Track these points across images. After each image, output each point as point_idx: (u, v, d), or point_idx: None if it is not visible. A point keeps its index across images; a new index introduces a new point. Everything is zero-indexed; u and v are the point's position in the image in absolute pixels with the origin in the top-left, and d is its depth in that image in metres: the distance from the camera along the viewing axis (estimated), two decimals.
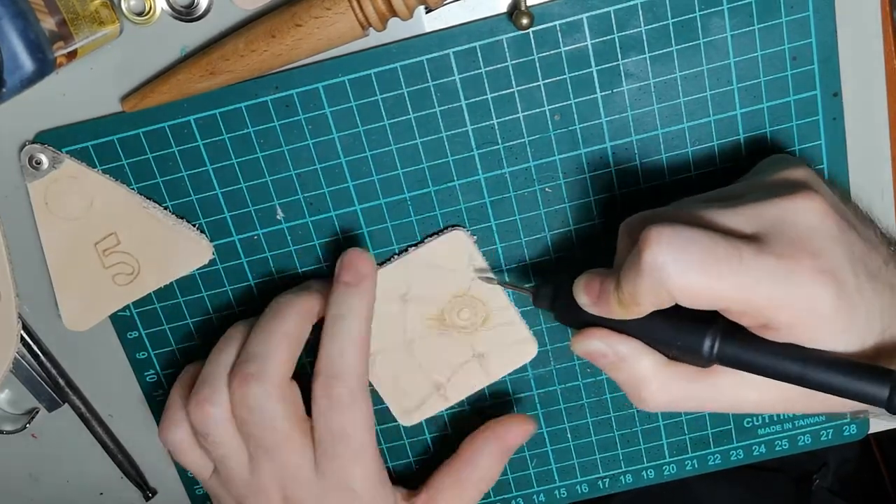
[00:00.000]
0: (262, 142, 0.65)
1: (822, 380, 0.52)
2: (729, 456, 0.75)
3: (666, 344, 0.57)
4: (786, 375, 0.53)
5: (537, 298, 0.63)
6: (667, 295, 0.52)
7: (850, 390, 0.51)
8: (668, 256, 0.51)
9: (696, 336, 0.55)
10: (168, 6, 0.62)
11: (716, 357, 0.55)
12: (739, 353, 0.54)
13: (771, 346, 0.53)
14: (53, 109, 0.65)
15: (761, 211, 0.53)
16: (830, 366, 0.52)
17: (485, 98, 0.64)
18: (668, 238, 0.51)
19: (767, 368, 0.53)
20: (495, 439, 0.70)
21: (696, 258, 0.50)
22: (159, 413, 0.73)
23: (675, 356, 0.57)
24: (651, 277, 0.51)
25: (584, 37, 0.62)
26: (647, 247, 0.51)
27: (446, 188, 0.66)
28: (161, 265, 0.68)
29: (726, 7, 0.62)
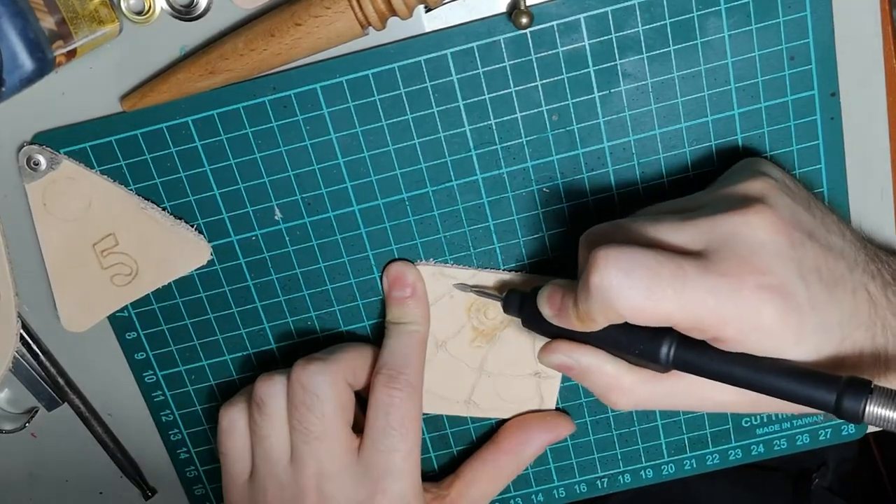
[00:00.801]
0: (260, 142, 0.65)
1: (772, 385, 0.53)
2: (727, 455, 0.75)
3: (625, 352, 0.59)
4: (737, 381, 0.54)
5: (506, 306, 0.65)
6: (615, 314, 0.54)
7: (800, 396, 0.52)
8: (613, 280, 0.52)
9: (652, 345, 0.56)
10: (167, 5, 0.62)
11: (671, 364, 0.56)
12: (693, 360, 0.56)
13: (723, 353, 0.55)
14: (53, 109, 0.65)
15: (712, 226, 0.55)
16: (780, 372, 0.53)
17: (482, 98, 0.64)
18: (615, 261, 0.53)
19: (720, 374, 0.55)
20: (544, 430, 0.72)
21: (640, 281, 0.52)
22: (158, 413, 0.74)
23: (635, 363, 0.59)
24: (598, 299, 0.53)
25: (582, 37, 0.62)
26: (593, 270, 0.53)
27: (444, 188, 0.66)
28: (159, 266, 0.68)
29: (723, 7, 0.62)
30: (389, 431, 0.64)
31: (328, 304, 0.70)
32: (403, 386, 0.65)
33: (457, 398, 0.72)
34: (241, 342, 0.72)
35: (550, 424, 0.72)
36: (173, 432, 0.75)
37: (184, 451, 0.76)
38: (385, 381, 0.65)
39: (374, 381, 0.66)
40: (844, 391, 0.51)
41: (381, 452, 0.65)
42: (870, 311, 0.55)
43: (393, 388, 0.65)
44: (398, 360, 0.66)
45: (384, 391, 0.65)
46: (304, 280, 0.69)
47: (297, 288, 0.70)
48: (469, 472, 0.72)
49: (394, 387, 0.65)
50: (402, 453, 0.65)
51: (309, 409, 0.64)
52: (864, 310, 0.55)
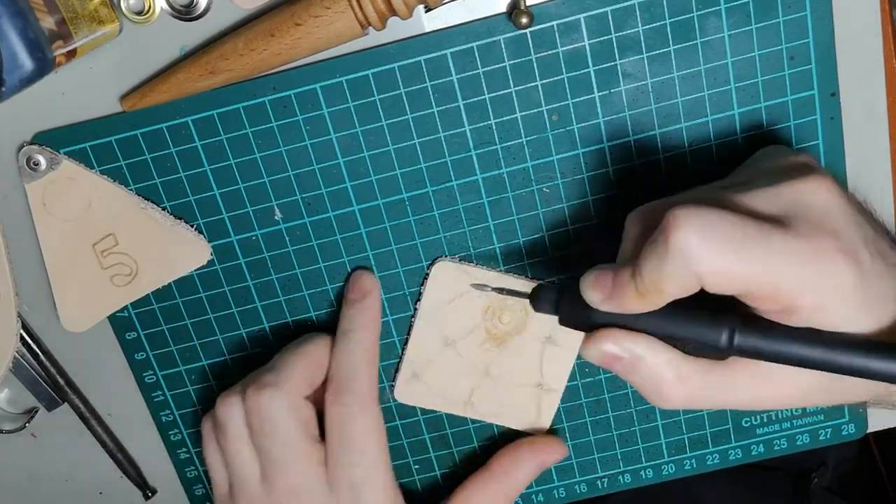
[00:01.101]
0: (260, 142, 0.65)
1: (846, 363, 0.50)
2: (727, 455, 0.75)
3: (681, 338, 0.54)
4: (808, 361, 0.51)
5: (538, 302, 0.60)
6: (694, 279, 0.50)
7: (875, 371, 0.50)
8: (697, 237, 0.48)
9: (713, 327, 0.53)
10: (167, 5, 0.62)
11: (735, 348, 0.53)
12: (760, 342, 0.52)
13: (790, 332, 0.52)
14: (53, 109, 0.65)
15: (778, 193, 0.52)
16: (853, 347, 0.50)
17: (482, 98, 0.64)
18: (697, 219, 0.49)
19: (789, 355, 0.52)
20: (534, 455, 0.71)
21: (726, 239, 0.49)
22: (158, 413, 0.74)
23: (690, 350, 0.55)
24: (678, 261, 0.49)
25: (582, 37, 0.62)
26: (675, 227, 0.49)
27: (444, 188, 0.66)
28: (159, 266, 0.68)
29: (723, 7, 0.62)
30: (347, 447, 0.64)
31: (328, 304, 0.70)
32: (352, 401, 0.65)
33: (456, 397, 0.72)
34: (241, 342, 0.72)
35: (541, 448, 0.72)
36: (173, 432, 0.75)
37: (184, 451, 0.76)
38: (334, 398, 0.65)
39: (325, 396, 0.66)
40: None
41: (344, 467, 0.64)
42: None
43: (342, 405, 0.64)
44: (344, 373, 0.66)
45: (334, 408, 0.65)
46: (304, 280, 0.69)
47: (297, 288, 0.70)
48: (462, 496, 0.71)
49: (342, 403, 0.64)
50: (364, 467, 0.64)
51: (269, 437, 0.64)
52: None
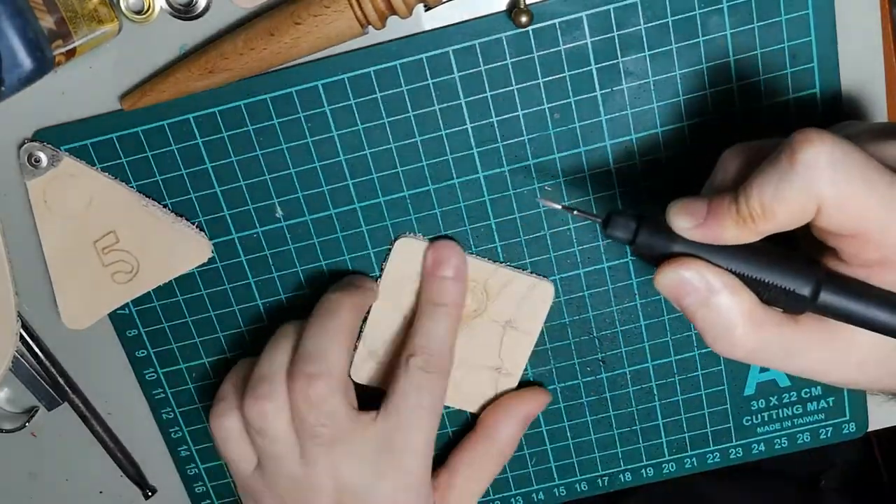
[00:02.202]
0: (262, 140, 0.65)
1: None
2: (728, 454, 0.75)
3: (764, 283, 0.52)
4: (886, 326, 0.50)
5: (612, 226, 0.55)
6: (813, 203, 0.48)
7: None
8: (828, 157, 0.47)
9: (800, 276, 0.51)
10: (167, 4, 0.62)
11: (819, 302, 0.51)
12: (843, 299, 0.51)
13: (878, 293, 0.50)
14: (52, 108, 0.65)
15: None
16: None
17: (484, 96, 0.64)
18: (830, 141, 0.47)
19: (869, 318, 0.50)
20: (515, 408, 0.71)
21: (856, 166, 0.47)
22: (158, 411, 0.73)
23: (769, 298, 0.53)
24: (804, 178, 0.47)
25: (584, 35, 0.62)
26: (806, 145, 0.47)
27: (446, 186, 0.66)
28: (160, 263, 0.68)
29: (726, 5, 0.62)
30: (419, 412, 0.64)
31: None
32: (439, 370, 0.65)
33: None
34: (242, 340, 0.72)
35: (522, 399, 0.72)
36: (174, 430, 0.75)
37: (184, 448, 0.76)
38: (422, 365, 0.65)
39: (408, 362, 0.65)
40: None
41: (405, 430, 0.64)
42: None
43: (430, 372, 0.65)
44: (434, 344, 0.66)
45: (421, 374, 0.65)
46: (306, 278, 0.69)
47: (297, 286, 0.70)
48: (452, 461, 0.71)
49: (430, 370, 0.65)
50: (426, 433, 0.65)
51: (324, 426, 0.63)
52: None
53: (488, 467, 0.71)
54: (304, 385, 0.62)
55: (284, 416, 0.64)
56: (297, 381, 0.63)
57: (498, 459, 0.71)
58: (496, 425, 0.71)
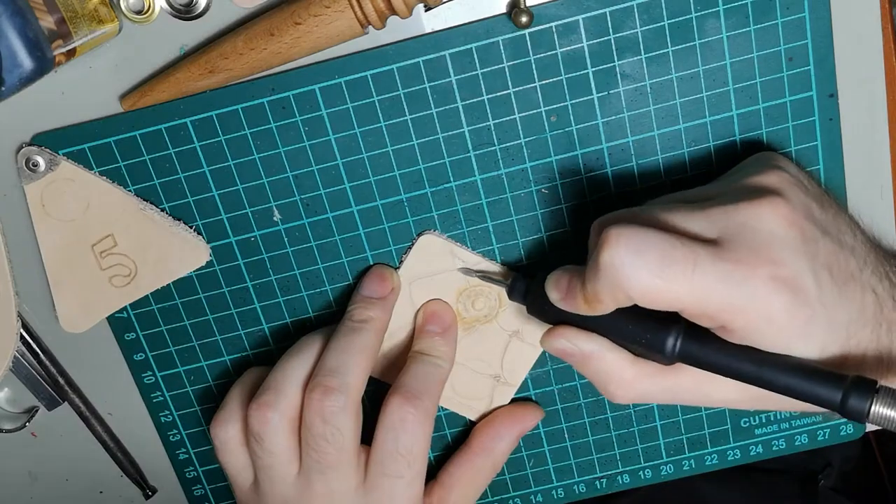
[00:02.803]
0: (259, 143, 0.65)
1: (777, 382, 0.53)
2: (726, 456, 0.75)
3: (630, 341, 0.58)
4: (743, 376, 0.54)
5: (511, 292, 0.65)
6: (623, 295, 0.53)
7: (805, 393, 0.52)
8: (624, 258, 0.52)
9: (659, 335, 0.56)
10: (167, 4, 0.62)
11: (677, 356, 0.56)
12: (699, 352, 0.55)
13: (729, 347, 0.54)
14: (52, 108, 0.65)
15: (725, 215, 0.54)
16: (785, 369, 0.53)
17: (481, 99, 0.64)
18: (626, 240, 0.52)
19: (725, 368, 0.55)
20: (512, 423, 0.71)
21: (651, 260, 0.51)
22: (157, 414, 0.74)
23: (639, 353, 0.59)
24: (608, 277, 0.53)
25: (581, 38, 0.62)
26: (604, 248, 0.52)
27: (443, 189, 0.66)
28: (158, 267, 0.68)
29: (722, 8, 0.62)
30: (397, 457, 0.64)
31: (327, 305, 0.70)
32: (418, 409, 0.64)
33: None
34: (240, 343, 0.72)
35: (517, 416, 0.72)
36: (172, 433, 0.75)
37: (182, 451, 0.76)
38: (400, 402, 0.64)
39: (388, 399, 0.64)
40: (850, 390, 0.51)
41: (387, 477, 0.64)
42: (876, 312, 0.55)
43: (406, 411, 0.64)
44: (417, 385, 0.65)
45: (398, 412, 0.64)
46: (303, 281, 0.69)
47: (295, 289, 0.70)
48: (446, 477, 0.71)
49: (408, 409, 0.64)
50: (407, 479, 0.64)
51: (329, 442, 0.63)
52: (870, 310, 0.55)
53: (481, 482, 0.72)
54: (321, 395, 0.62)
55: (287, 428, 0.64)
56: (314, 391, 0.63)
57: (490, 474, 0.72)
58: (492, 441, 0.71)
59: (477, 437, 0.72)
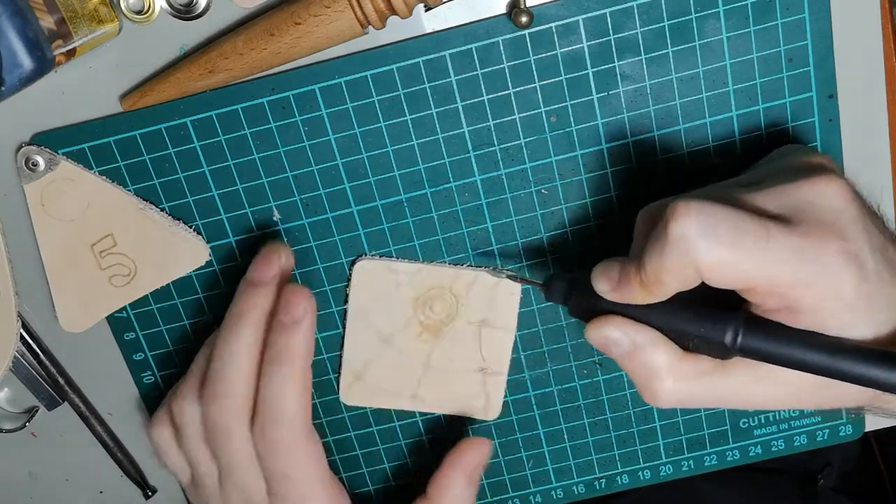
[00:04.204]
0: (259, 143, 0.65)
1: (843, 369, 0.51)
2: (725, 456, 0.75)
3: (686, 334, 0.55)
4: (809, 366, 0.52)
5: (550, 292, 0.61)
6: (693, 270, 0.51)
7: (876, 379, 0.50)
8: (695, 228, 0.50)
9: (718, 325, 0.54)
10: (167, 4, 0.62)
11: (738, 347, 0.53)
12: (762, 343, 0.53)
13: (794, 335, 0.52)
14: (52, 108, 0.65)
15: (786, 193, 0.53)
16: (851, 354, 0.51)
17: (481, 100, 0.64)
18: (697, 211, 0.50)
19: (791, 359, 0.52)
20: (457, 468, 0.69)
21: (724, 231, 0.50)
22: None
23: (693, 347, 0.56)
24: (678, 250, 0.51)
25: (581, 39, 0.62)
26: (674, 218, 0.51)
27: (443, 189, 0.66)
28: (158, 267, 0.68)
29: (722, 9, 0.62)
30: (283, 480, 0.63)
31: (326, 304, 0.70)
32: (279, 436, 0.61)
33: (403, 392, 0.72)
34: None
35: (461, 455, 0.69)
36: None
37: None
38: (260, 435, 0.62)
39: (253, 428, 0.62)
40: None
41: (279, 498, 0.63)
42: None
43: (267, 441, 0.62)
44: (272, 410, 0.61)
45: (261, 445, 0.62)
46: (302, 281, 0.69)
47: None
48: None
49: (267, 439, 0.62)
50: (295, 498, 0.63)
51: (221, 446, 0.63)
52: None
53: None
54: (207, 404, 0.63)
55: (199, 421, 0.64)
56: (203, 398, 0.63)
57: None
58: (447, 487, 0.69)
59: (431, 486, 0.69)
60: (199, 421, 0.64)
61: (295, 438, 0.61)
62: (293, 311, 0.60)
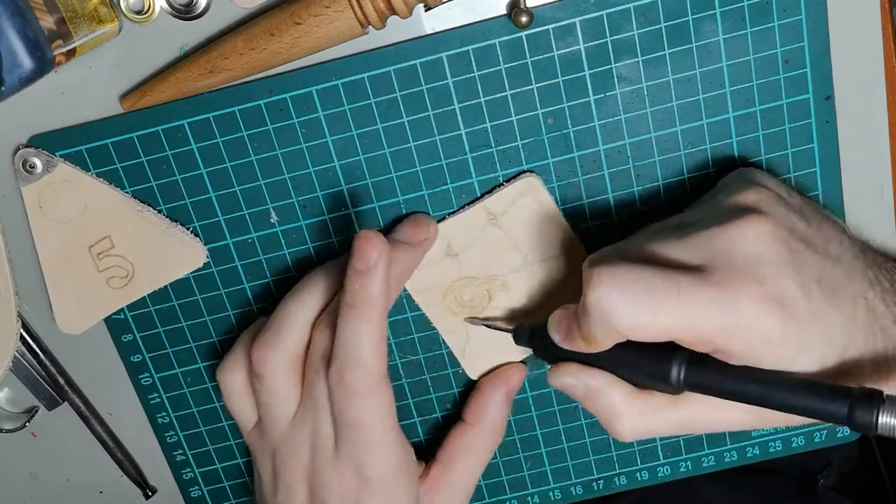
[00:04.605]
0: (256, 145, 0.65)
1: (784, 401, 0.53)
2: (723, 457, 0.75)
3: (636, 375, 0.59)
4: (749, 398, 0.54)
5: (517, 337, 0.66)
6: (615, 332, 0.54)
7: (812, 410, 0.52)
8: (608, 297, 0.53)
9: (662, 365, 0.56)
10: (167, 4, 0.62)
11: (683, 384, 0.56)
12: (704, 379, 0.55)
13: (733, 370, 0.54)
14: (52, 108, 0.65)
15: (708, 240, 0.55)
16: (791, 387, 0.53)
17: (478, 101, 0.64)
18: (608, 278, 0.53)
19: (730, 392, 0.54)
20: (496, 387, 0.71)
21: (636, 296, 0.52)
22: (154, 415, 0.74)
23: (646, 386, 0.59)
24: (597, 317, 0.53)
25: (578, 40, 0.62)
26: (589, 287, 0.53)
27: (440, 191, 0.66)
28: (155, 268, 0.68)
29: (719, 11, 0.62)
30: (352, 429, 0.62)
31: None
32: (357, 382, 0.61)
33: None
34: None
35: (502, 377, 0.71)
36: (169, 434, 0.75)
37: (180, 452, 0.76)
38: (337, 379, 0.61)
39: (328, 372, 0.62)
40: (856, 403, 0.50)
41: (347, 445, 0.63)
42: (869, 318, 0.55)
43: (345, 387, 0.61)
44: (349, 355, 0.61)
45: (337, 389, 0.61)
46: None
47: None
48: (444, 454, 0.70)
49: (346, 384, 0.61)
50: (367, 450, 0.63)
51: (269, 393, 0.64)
52: (862, 317, 0.55)
53: (480, 454, 0.70)
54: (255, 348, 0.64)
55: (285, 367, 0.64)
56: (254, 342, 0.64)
57: (489, 444, 0.70)
58: (482, 410, 0.70)
59: (466, 409, 0.71)
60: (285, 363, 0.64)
61: (369, 384, 0.61)
62: (367, 258, 0.59)
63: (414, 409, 0.74)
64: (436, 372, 0.73)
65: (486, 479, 0.76)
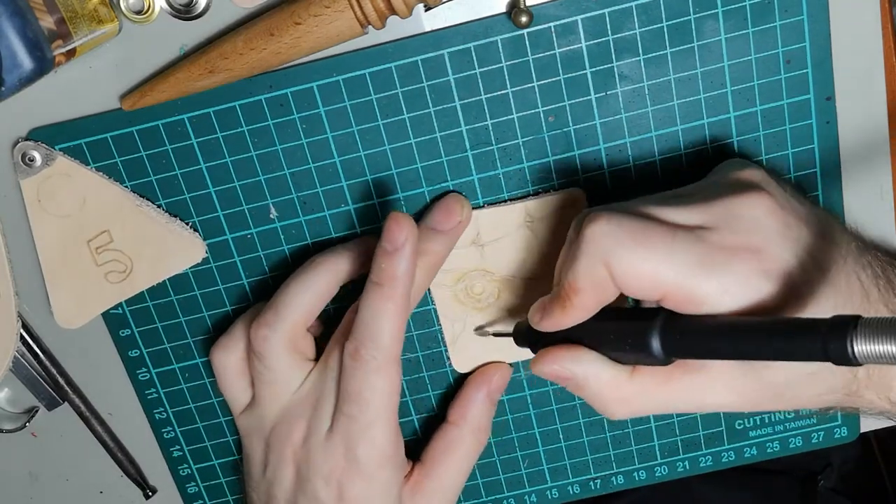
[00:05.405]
0: (256, 141, 0.65)
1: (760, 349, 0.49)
2: (720, 457, 0.75)
3: (617, 348, 0.57)
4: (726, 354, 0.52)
5: (518, 336, 0.66)
6: (604, 272, 0.54)
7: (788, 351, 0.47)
8: (604, 230, 0.53)
9: (641, 332, 0.55)
10: (167, 4, 0.62)
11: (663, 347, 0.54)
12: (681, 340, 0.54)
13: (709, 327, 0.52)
14: (52, 108, 0.65)
15: (708, 207, 0.55)
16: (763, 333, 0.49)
17: (479, 99, 0.64)
18: (606, 216, 0.54)
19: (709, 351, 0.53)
20: (478, 386, 0.71)
21: (631, 232, 0.53)
22: (152, 411, 0.74)
23: (632, 362, 0.58)
24: (587, 252, 0.54)
25: (579, 38, 0.63)
26: (587, 223, 0.54)
27: (440, 188, 0.67)
28: (154, 263, 0.68)
29: (720, 10, 0.62)
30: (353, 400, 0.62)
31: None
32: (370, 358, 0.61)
33: None
34: None
35: (485, 376, 0.71)
36: (167, 430, 0.75)
37: (177, 448, 0.76)
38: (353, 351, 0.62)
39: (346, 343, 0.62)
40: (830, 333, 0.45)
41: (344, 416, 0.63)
42: (863, 300, 0.55)
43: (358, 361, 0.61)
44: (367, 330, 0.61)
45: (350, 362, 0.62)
46: None
47: None
48: (427, 454, 0.70)
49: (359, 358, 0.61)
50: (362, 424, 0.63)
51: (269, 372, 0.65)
52: (857, 298, 0.55)
53: (464, 455, 0.70)
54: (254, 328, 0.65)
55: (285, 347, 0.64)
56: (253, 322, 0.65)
57: (474, 445, 0.70)
58: (464, 408, 0.70)
59: (450, 408, 0.71)
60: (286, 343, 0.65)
61: (380, 361, 0.62)
62: (395, 239, 0.60)
63: (412, 407, 0.74)
64: (434, 370, 0.73)
65: (483, 478, 0.76)
